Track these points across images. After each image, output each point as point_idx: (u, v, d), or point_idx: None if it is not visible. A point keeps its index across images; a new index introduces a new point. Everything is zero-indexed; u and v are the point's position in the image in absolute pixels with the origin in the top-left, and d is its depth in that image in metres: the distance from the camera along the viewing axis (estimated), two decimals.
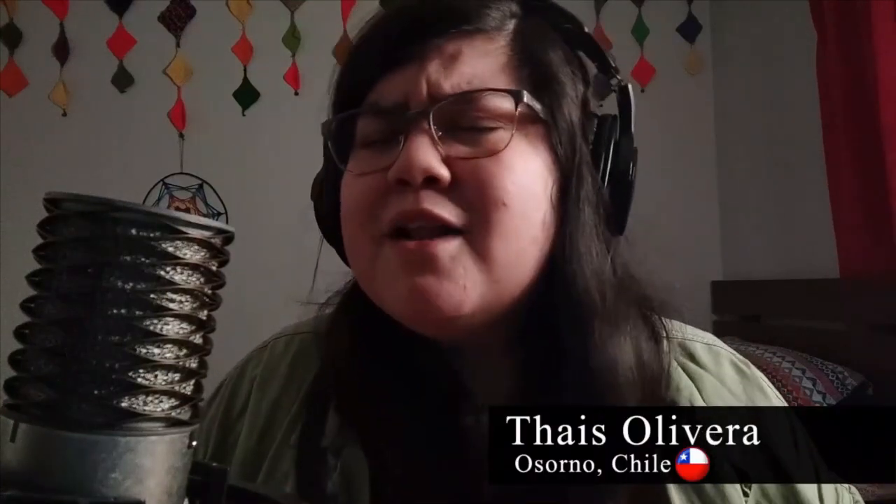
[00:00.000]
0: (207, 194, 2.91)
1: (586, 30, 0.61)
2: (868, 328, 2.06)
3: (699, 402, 0.59)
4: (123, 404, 0.33)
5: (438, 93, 0.55)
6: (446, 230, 0.53)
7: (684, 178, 3.02)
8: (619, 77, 0.62)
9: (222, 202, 2.90)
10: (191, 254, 0.35)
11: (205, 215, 2.54)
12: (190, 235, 0.34)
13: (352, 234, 0.57)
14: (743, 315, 2.76)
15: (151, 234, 0.34)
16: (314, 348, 0.63)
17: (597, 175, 0.58)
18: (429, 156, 0.53)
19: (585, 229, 0.56)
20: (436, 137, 0.53)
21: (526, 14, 0.59)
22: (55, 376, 0.33)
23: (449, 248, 0.53)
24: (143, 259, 0.33)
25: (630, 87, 0.62)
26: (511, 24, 0.58)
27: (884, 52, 1.95)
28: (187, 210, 2.86)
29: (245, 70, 2.93)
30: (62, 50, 2.88)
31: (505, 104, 0.55)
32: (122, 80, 2.91)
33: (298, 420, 0.60)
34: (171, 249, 0.34)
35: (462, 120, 0.55)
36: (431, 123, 0.54)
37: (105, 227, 0.33)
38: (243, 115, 2.93)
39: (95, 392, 0.33)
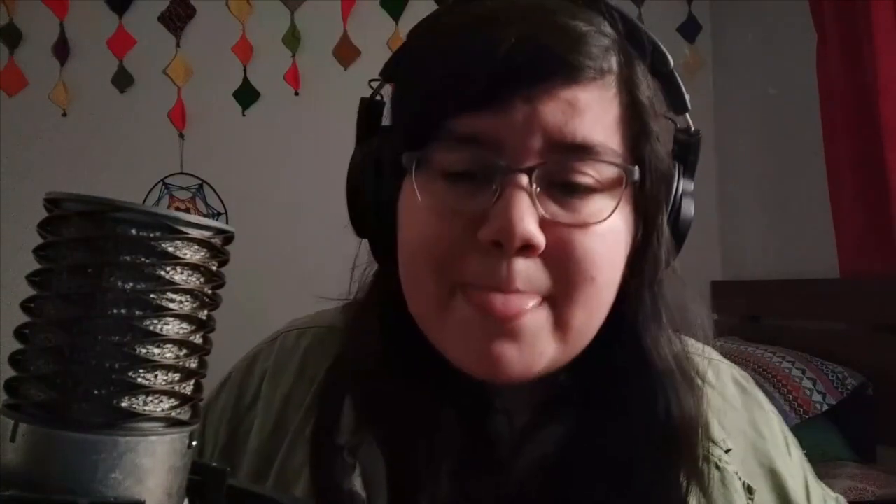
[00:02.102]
0: (207, 194, 2.91)
1: (670, 62, 0.56)
2: (868, 328, 2.06)
3: (713, 419, 0.59)
4: (123, 404, 0.33)
5: (555, 141, 0.50)
6: (532, 297, 0.50)
7: None
8: (688, 117, 0.58)
9: (222, 202, 2.90)
10: (191, 254, 0.35)
11: (205, 215, 2.54)
12: (190, 235, 0.34)
13: (420, 275, 0.53)
14: (743, 315, 2.75)
15: (151, 234, 0.34)
16: (329, 343, 0.62)
17: (666, 225, 0.56)
18: (531, 223, 0.48)
19: (658, 291, 0.56)
20: (534, 195, 0.49)
21: (621, 41, 0.53)
22: (55, 376, 0.33)
23: (536, 320, 0.50)
24: (143, 259, 0.33)
25: (700, 135, 0.58)
26: (614, 63, 0.52)
27: (884, 52, 1.94)
28: (187, 210, 2.86)
29: (245, 70, 2.93)
30: (62, 50, 2.89)
31: (613, 171, 0.51)
32: (122, 80, 2.91)
33: (311, 414, 0.59)
34: (171, 249, 0.34)
35: (562, 179, 0.51)
36: (534, 181, 0.49)
37: (105, 227, 0.33)
38: (243, 115, 2.93)
39: (95, 392, 0.33)
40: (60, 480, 0.32)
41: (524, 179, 0.49)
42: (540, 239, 0.49)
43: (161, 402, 0.34)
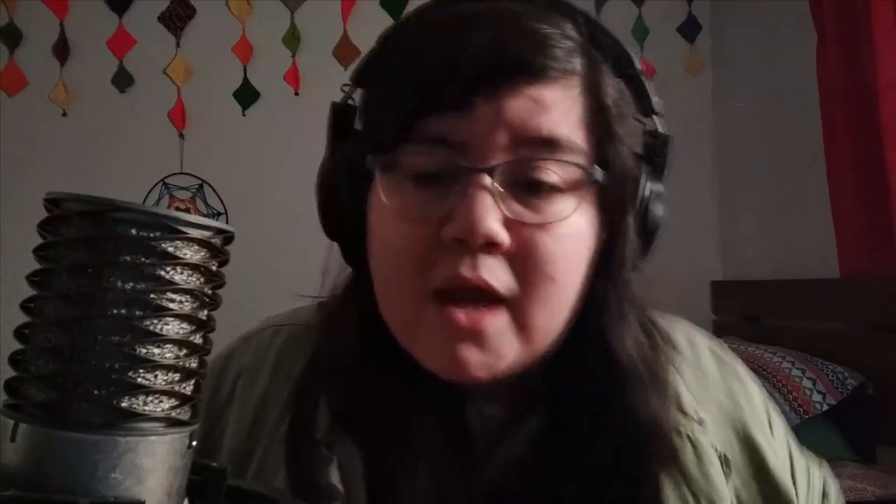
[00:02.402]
0: (207, 194, 2.91)
1: (637, 65, 0.57)
2: (868, 328, 2.06)
3: (682, 389, 0.60)
4: (123, 404, 0.33)
5: (519, 138, 0.51)
6: (493, 298, 0.51)
7: (684, 178, 3.02)
8: (656, 119, 0.58)
9: (222, 202, 2.90)
10: (191, 254, 0.35)
11: (205, 215, 2.54)
12: (190, 235, 0.34)
13: (392, 283, 0.54)
14: (743, 315, 2.75)
15: (151, 234, 0.34)
16: (304, 341, 0.62)
17: (633, 228, 0.56)
18: (493, 221, 0.50)
19: (627, 293, 0.57)
20: (497, 195, 0.50)
21: (586, 45, 0.55)
22: (55, 376, 0.33)
23: (496, 323, 0.52)
24: (143, 259, 0.33)
25: (670, 139, 0.58)
26: (579, 64, 0.53)
27: (884, 52, 1.95)
28: (187, 210, 2.86)
29: (245, 70, 2.93)
30: (62, 50, 2.89)
31: (575, 171, 0.52)
32: (122, 80, 2.91)
33: (287, 411, 0.59)
34: (171, 249, 0.34)
35: (525, 178, 0.52)
36: (497, 179, 0.50)
37: (105, 227, 0.33)
38: (243, 115, 2.93)
39: (95, 392, 0.33)
40: (60, 480, 0.32)
41: (486, 179, 0.50)
42: (503, 237, 0.50)
43: (161, 402, 0.34)
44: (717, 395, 0.62)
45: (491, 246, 0.50)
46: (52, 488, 0.32)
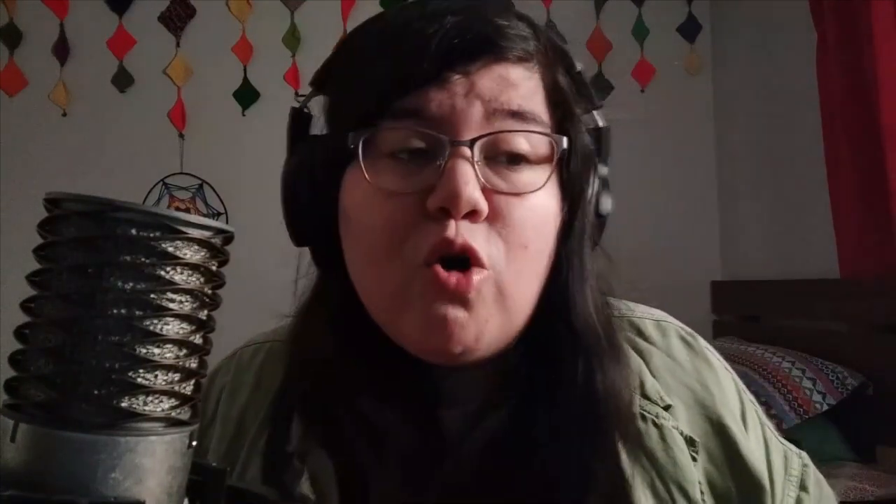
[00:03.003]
0: (207, 194, 2.91)
1: (579, 68, 0.62)
2: (868, 328, 2.06)
3: (647, 375, 0.62)
4: (123, 404, 0.33)
5: (492, 111, 0.54)
6: (477, 264, 0.53)
7: (684, 178, 3.03)
8: (597, 114, 0.63)
9: (222, 202, 2.91)
10: (191, 254, 0.35)
11: (205, 215, 2.54)
12: (190, 235, 0.34)
13: (378, 258, 0.55)
14: (743, 315, 2.76)
15: (151, 234, 0.34)
16: (284, 356, 0.63)
17: (590, 207, 0.60)
18: (475, 189, 0.52)
19: (587, 264, 0.59)
20: (476, 166, 0.53)
21: (540, 45, 0.59)
22: (55, 376, 0.33)
23: (482, 287, 0.53)
24: (143, 259, 0.33)
25: (609, 130, 0.63)
26: (535, 51, 0.58)
27: (884, 53, 1.95)
28: (187, 210, 2.86)
29: (245, 70, 2.93)
30: (62, 50, 2.89)
31: (544, 144, 0.56)
32: (122, 80, 2.91)
33: (266, 426, 0.61)
34: (171, 249, 0.34)
35: (500, 151, 0.55)
36: (476, 151, 0.53)
37: (105, 227, 0.33)
38: (243, 115, 2.93)
39: (95, 392, 0.33)
40: (60, 480, 0.32)
41: (467, 151, 0.53)
42: (483, 204, 0.53)
43: (161, 402, 0.34)
44: (687, 381, 0.63)
45: (473, 213, 0.53)
46: (52, 488, 0.32)
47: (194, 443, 0.36)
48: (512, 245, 0.54)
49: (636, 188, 2.96)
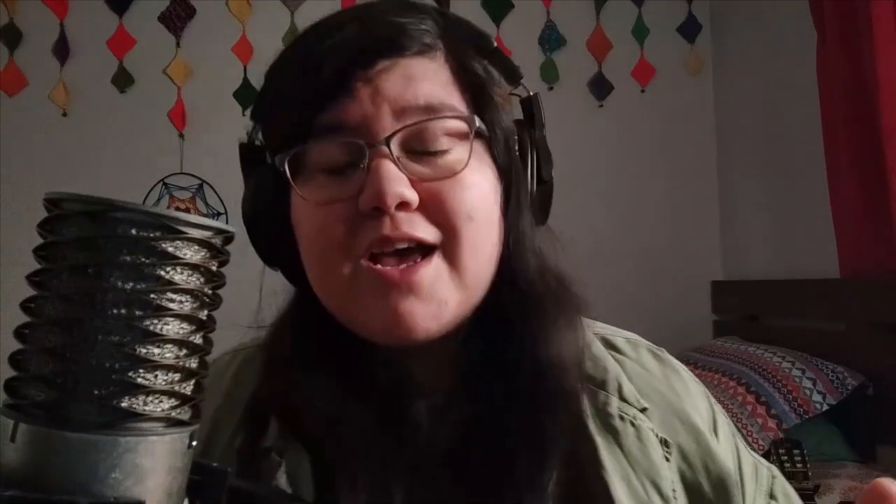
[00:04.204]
0: (207, 194, 2.91)
1: (493, 43, 0.63)
2: (868, 328, 2.06)
3: (624, 380, 0.65)
4: (123, 404, 0.33)
5: (401, 109, 0.57)
6: (422, 248, 0.56)
7: (684, 178, 3.03)
8: (524, 85, 0.65)
9: (222, 202, 2.91)
10: (191, 254, 0.35)
11: (205, 215, 2.54)
12: (190, 235, 0.34)
13: (322, 261, 0.59)
14: (743, 315, 2.76)
15: (151, 234, 0.34)
16: (259, 360, 0.65)
17: (526, 177, 0.62)
18: (400, 182, 0.55)
19: (527, 230, 0.62)
20: (398, 161, 0.56)
21: (445, 33, 0.61)
22: (55, 376, 0.33)
23: (430, 271, 0.56)
24: (143, 259, 0.33)
25: (538, 95, 0.65)
26: (441, 43, 0.60)
27: (884, 52, 1.94)
28: (187, 210, 2.86)
29: (245, 70, 2.93)
30: (62, 50, 2.88)
31: (459, 126, 0.59)
32: (122, 80, 2.91)
33: (241, 427, 0.62)
34: (171, 249, 0.34)
35: (419, 142, 0.57)
36: (394, 148, 0.56)
37: (105, 227, 0.33)
38: (243, 115, 2.93)
39: (95, 392, 0.33)
40: (60, 480, 0.32)
41: (385, 149, 0.56)
42: (410, 195, 0.55)
43: (161, 402, 0.34)
44: (658, 387, 0.66)
45: (404, 205, 0.55)
46: (52, 488, 0.32)
47: (194, 443, 0.36)
48: (457, 221, 0.57)
49: (636, 188, 2.96)
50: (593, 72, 3.02)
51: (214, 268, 0.36)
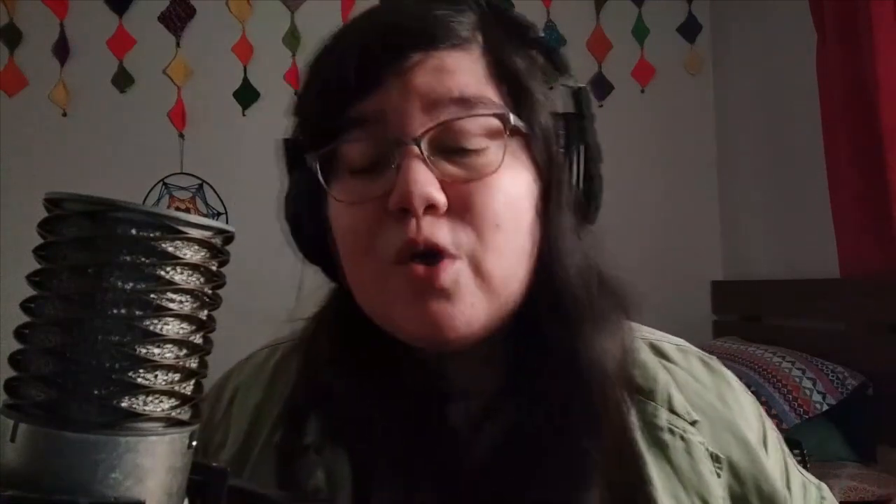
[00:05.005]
0: (207, 194, 2.91)
1: (540, 33, 0.62)
2: (868, 328, 2.06)
3: (674, 391, 0.63)
4: (123, 404, 0.33)
5: (432, 102, 0.55)
6: (444, 256, 0.55)
7: (684, 178, 3.03)
8: (574, 78, 0.62)
9: (222, 202, 2.90)
10: (191, 254, 0.35)
11: (205, 215, 2.54)
12: (190, 235, 0.34)
13: (354, 262, 0.58)
14: (743, 315, 2.76)
15: (151, 234, 0.34)
16: (295, 355, 0.65)
17: (570, 176, 0.59)
18: (429, 184, 0.53)
19: (566, 231, 0.59)
20: (428, 161, 0.54)
21: (485, 24, 0.59)
22: (55, 376, 0.33)
23: (452, 273, 0.54)
24: (143, 259, 0.33)
25: (588, 89, 0.62)
26: (479, 36, 0.58)
27: (884, 52, 1.94)
28: (187, 210, 2.86)
29: (245, 70, 2.93)
30: (62, 50, 2.88)
31: (494, 123, 0.56)
32: (122, 80, 2.91)
33: (280, 424, 0.61)
34: (171, 249, 0.34)
35: (452, 139, 0.55)
36: (424, 147, 0.54)
37: (105, 227, 0.33)
38: (243, 115, 2.93)
39: (95, 392, 0.33)
40: (60, 480, 0.32)
41: (415, 149, 0.54)
42: (439, 197, 0.54)
43: (161, 402, 0.34)
44: (709, 398, 0.64)
45: (431, 208, 0.54)
46: (53, 488, 0.32)
47: (194, 443, 0.36)
48: (484, 228, 0.55)
49: (636, 188, 2.96)
50: (593, 72, 3.02)
51: (214, 268, 0.36)
